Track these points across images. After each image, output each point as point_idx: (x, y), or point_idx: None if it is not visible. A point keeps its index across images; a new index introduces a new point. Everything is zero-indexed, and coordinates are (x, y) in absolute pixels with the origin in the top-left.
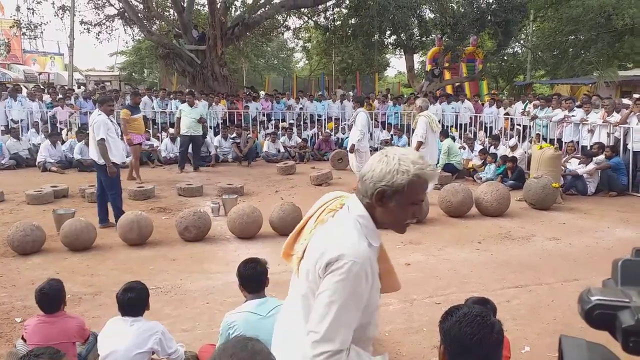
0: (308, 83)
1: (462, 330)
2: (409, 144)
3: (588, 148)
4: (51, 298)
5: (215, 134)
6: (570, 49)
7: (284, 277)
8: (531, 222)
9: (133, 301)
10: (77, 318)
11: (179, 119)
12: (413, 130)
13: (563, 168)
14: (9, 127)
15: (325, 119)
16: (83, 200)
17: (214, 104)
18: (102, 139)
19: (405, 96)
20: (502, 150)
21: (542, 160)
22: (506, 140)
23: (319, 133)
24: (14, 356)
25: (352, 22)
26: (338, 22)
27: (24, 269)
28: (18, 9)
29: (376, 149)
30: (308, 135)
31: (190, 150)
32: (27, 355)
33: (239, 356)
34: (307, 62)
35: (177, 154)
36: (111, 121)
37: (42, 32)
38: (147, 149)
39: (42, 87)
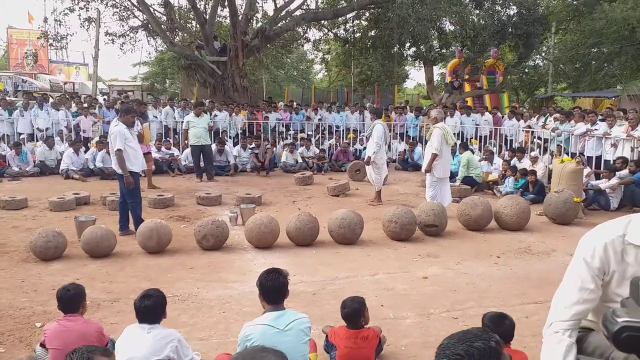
0: (327, 94)
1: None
2: (422, 156)
3: (611, 162)
4: (73, 296)
5: (235, 144)
6: (593, 62)
7: (299, 288)
8: (552, 237)
9: (150, 308)
10: (96, 323)
11: (186, 130)
12: (426, 141)
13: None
14: (35, 136)
15: (343, 130)
16: (104, 207)
17: (234, 114)
18: (119, 150)
19: (424, 108)
20: (525, 162)
21: (563, 174)
22: (526, 153)
23: (337, 144)
24: None
25: (372, 34)
26: (358, 34)
27: (45, 275)
28: (46, 20)
29: (394, 161)
30: (326, 146)
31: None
32: (77, 350)
33: None
34: (326, 73)
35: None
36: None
37: (67, 43)
38: (167, 158)
39: (67, 96)
